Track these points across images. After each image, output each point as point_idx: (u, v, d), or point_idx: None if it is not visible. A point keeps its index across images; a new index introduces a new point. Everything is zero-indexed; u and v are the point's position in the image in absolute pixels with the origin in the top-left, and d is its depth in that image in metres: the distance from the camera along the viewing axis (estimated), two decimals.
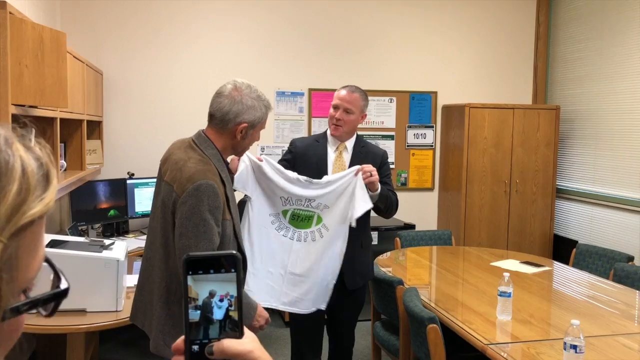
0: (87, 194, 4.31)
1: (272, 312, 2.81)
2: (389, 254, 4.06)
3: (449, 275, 3.55)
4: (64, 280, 0.59)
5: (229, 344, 0.70)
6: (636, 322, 2.72)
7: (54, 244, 2.78)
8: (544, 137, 5.32)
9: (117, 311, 2.69)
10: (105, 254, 2.73)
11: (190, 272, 0.70)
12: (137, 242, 4.21)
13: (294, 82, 5.24)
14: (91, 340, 3.66)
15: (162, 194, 2.02)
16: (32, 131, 2.72)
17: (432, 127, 5.58)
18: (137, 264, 3.59)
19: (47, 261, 0.58)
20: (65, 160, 3.62)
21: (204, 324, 0.71)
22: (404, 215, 5.28)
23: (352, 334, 3.07)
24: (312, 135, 3.18)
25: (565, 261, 4.14)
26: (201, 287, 0.70)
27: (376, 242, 4.73)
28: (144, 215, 4.62)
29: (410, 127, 5.53)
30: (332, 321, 3.03)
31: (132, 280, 3.19)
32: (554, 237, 5.43)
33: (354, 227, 2.66)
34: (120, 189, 4.56)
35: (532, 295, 3.10)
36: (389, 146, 5.49)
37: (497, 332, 2.55)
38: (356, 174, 2.65)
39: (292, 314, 2.83)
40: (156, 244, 2.06)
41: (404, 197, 5.48)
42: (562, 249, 5.31)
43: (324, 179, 2.68)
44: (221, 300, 0.71)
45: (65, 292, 0.58)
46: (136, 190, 4.65)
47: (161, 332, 2.01)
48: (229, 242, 2.01)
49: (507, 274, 2.68)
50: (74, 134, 3.72)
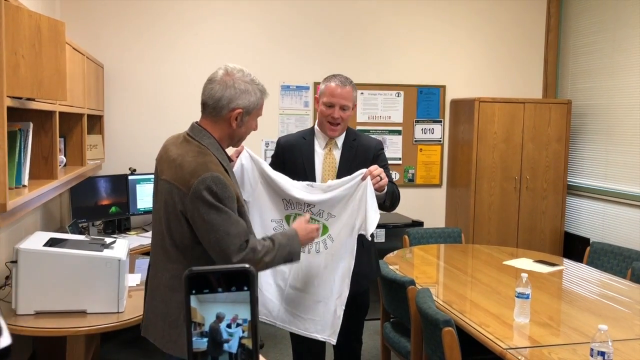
0: (87, 190, 4.21)
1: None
2: (396, 251, 3.95)
3: (459, 274, 3.44)
4: (5, 335, 0.46)
5: None
6: None
7: (53, 242, 2.67)
8: (555, 132, 5.20)
9: (118, 312, 2.59)
10: (106, 253, 2.63)
11: (193, 291, 0.57)
12: (139, 239, 4.11)
13: (299, 75, 5.12)
14: (92, 341, 3.56)
15: (164, 195, 1.91)
16: (30, 125, 2.60)
17: (440, 122, 5.46)
18: (140, 262, 3.50)
19: None
20: (65, 155, 3.51)
21: (212, 353, 0.58)
22: (411, 212, 5.17)
23: (359, 339, 2.92)
24: (299, 131, 2.97)
25: (576, 259, 4.02)
26: (208, 310, 0.57)
27: (383, 240, 4.63)
28: (146, 211, 4.51)
29: (417, 122, 5.42)
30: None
31: (134, 279, 3.10)
32: (564, 235, 5.32)
33: (370, 240, 2.43)
34: (121, 185, 4.46)
35: (549, 296, 2.99)
36: (396, 141, 5.37)
37: (515, 335, 2.44)
38: (364, 179, 2.33)
39: None
40: (157, 247, 1.96)
41: (411, 193, 5.38)
42: (573, 247, 5.20)
43: (326, 184, 2.41)
44: (230, 325, 0.58)
45: (6, 352, 0.46)
46: (138, 186, 4.54)
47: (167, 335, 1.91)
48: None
49: (525, 275, 2.57)
50: (74, 129, 3.61)
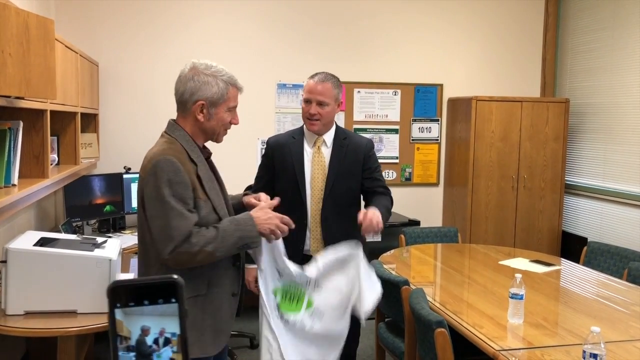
0: (82, 189, 4.19)
1: None
2: (392, 251, 3.93)
3: (455, 274, 3.42)
4: None
5: None
6: None
7: (44, 242, 2.65)
8: (553, 131, 5.17)
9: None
10: (96, 252, 2.61)
11: (118, 305, 0.56)
12: (133, 238, 4.08)
13: (295, 74, 5.09)
14: (84, 341, 3.54)
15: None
16: (20, 123, 2.57)
17: (437, 120, 5.44)
18: (134, 262, 3.47)
19: None
20: (58, 154, 3.49)
21: None
22: (408, 211, 5.15)
23: (356, 339, 2.90)
24: (288, 131, 2.95)
25: (574, 259, 4.00)
26: (134, 323, 0.55)
27: (380, 239, 4.60)
28: None
29: (415, 120, 5.39)
30: None
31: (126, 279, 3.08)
32: (562, 234, 5.29)
33: (364, 326, 2.25)
34: (116, 184, 4.44)
35: (544, 296, 2.97)
36: (393, 140, 5.35)
37: (508, 336, 2.42)
38: (363, 233, 2.29)
39: None
40: (138, 243, 2.02)
41: (408, 192, 5.36)
42: (571, 246, 5.18)
43: (318, 261, 2.13)
44: (157, 340, 0.55)
45: None
46: (133, 185, 4.52)
47: None
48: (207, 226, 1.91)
49: (519, 275, 2.54)
50: (67, 127, 3.58)
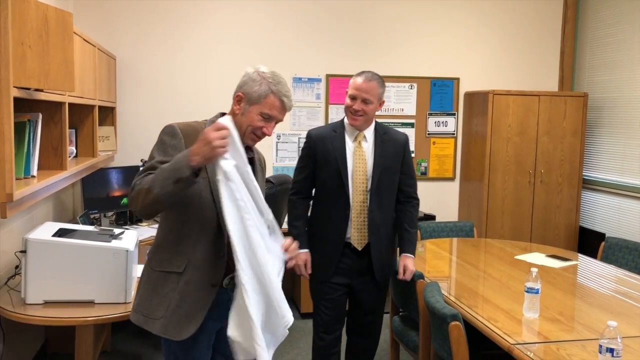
0: (99, 181, 4.23)
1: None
2: None
3: (470, 268, 3.40)
4: None
5: None
6: None
7: (62, 232, 2.69)
8: (571, 125, 5.12)
9: (126, 303, 2.60)
10: (114, 243, 2.64)
11: None
12: (150, 230, 4.12)
13: (311, 68, 5.09)
14: (102, 331, 3.60)
15: None
16: (39, 116, 2.60)
17: (453, 114, 5.40)
18: None
19: None
20: (76, 146, 3.53)
21: None
22: (424, 205, 5.11)
23: (378, 330, 3.00)
24: (328, 124, 3.04)
25: (591, 254, 3.96)
26: None
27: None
28: None
29: (431, 114, 5.36)
30: (357, 310, 2.92)
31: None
32: (579, 230, 5.24)
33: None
34: (133, 177, 4.45)
35: (560, 291, 2.95)
36: (409, 134, 5.30)
37: (523, 330, 2.41)
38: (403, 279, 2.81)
39: (313, 287, 2.88)
40: None
41: (424, 187, 5.33)
42: (588, 242, 5.12)
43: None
44: None
45: None
46: None
47: (137, 304, 2.01)
48: (201, 204, 1.94)
49: (535, 269, 2.53)
50: (85, 120, 3.63)
